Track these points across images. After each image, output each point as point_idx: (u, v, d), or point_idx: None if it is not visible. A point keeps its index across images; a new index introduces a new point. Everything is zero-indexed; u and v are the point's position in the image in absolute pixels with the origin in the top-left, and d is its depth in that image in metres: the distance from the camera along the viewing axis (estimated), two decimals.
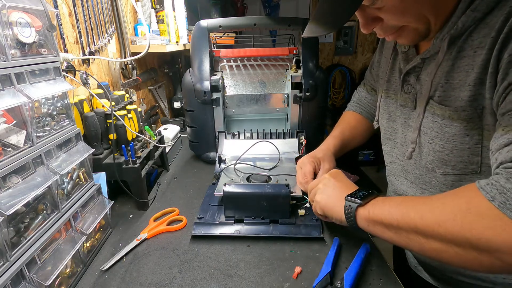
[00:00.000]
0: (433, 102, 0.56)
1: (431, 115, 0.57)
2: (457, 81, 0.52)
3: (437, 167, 0.59)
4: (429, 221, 0.44)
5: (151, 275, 0.63)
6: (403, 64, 0.64)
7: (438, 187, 0.61)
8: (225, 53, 1.14)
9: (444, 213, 0.43)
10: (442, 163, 0.58)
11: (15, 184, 0.51)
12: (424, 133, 0.59)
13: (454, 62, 0.52)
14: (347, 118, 0.94)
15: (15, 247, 0.50)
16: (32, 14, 0.57)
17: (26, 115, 0.54)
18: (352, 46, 3.28)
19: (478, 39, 0.49)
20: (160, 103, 1.68)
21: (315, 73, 1.05)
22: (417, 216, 0.46)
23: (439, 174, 0.60)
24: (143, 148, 0.95)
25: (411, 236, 0.47)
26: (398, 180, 0.72)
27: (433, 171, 0.61)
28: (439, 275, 0.69)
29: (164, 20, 1.41)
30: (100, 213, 0.71)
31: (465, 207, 0.42)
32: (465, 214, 0.41)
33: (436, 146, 0.57)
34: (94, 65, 1.07)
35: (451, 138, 0.55)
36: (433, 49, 0.55)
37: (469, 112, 0.51)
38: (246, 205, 0.75)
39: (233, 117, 1.15)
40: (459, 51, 0.52)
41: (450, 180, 0.59)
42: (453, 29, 0.51)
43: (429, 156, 0.60)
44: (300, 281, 0.60)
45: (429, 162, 0.60)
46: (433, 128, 0.57)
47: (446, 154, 0.56)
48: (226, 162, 1.02)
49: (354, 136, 0.90)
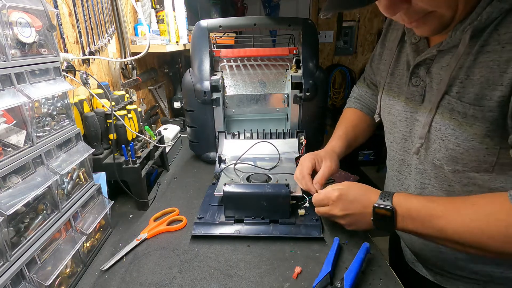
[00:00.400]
0: (451, 98, 0.53)
1: (448, 112, 0.54)
2: (477, 77, 0.49)
3: (446, 164, 0.57)
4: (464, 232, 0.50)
5: (151, 275, 0.63)
6: (412, 55, 0.61)
7: (445, 182, 0.60)
8: (225, 53, 1.14)
9: (480, 222, 0.49)
10: (453, 161, 0.55)
11: (15, 184, 0.51)
12: (436, 129, 0.56)
13: (476, 57, 0.49)
14: (349, 117, 0.93)
15: (15, 247, 0.50)
16: (32, 14, 0.57)
17: (26, 115, 0.54)
18: (352, 46, 3.29)
19: (507, 34, 0.45)
20: (160, 103, 1.68)
21: (315, 73, 1.05)
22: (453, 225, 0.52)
23: (447, 170, 0.58)
24: (143, 148, 0.95)
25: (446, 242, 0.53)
26: (402, 174, 0.71)
27: (441, 167, 0.59)
28: (438, 270, 0.69)
29: (164, 20, 1.41)
30: (100, 213, 0.71)
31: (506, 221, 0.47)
32: (507, 229, 0.46)
33: (449, 143, 0.54)
34: (94, 65, 1.07)
35: (469, 137, 0.52)
36: (452, 41, 0.52)
37: (496, 113, 0.48)
38: (246, 205, 0.75)
39: (233, 117, 1.15)
40: (482, 45, 0.48)
41: (459, 176, 0.57)
42: (476, 21, 0.47)
43: (439, 153, 0.57)
44: (300, 281, 0.60)
45: (438, 158, 0.58)
46: (449, 125, 0.54)
47: (460, 152, 0.54)
48: (226, 162, 1.02)
49: (357, 135, 0.90)
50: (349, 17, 3.18)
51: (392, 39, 0.72)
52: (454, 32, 0.51)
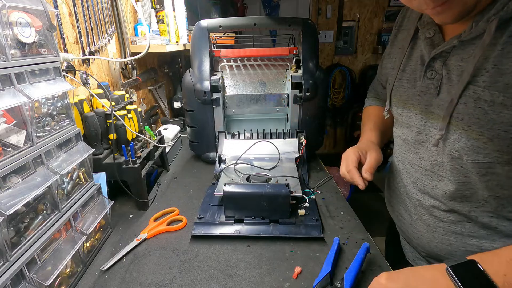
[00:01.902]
0: (477, 87, 0.53)
1: (472, 101, 0.53)
2: (507, 67, 0.49)
3: (467, 154, 0.56)
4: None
5: (151, 275, 0.63)
6: (427, 49, 0.62)
7: (461, 173, 0.59)
8: (225, 53, 1.14)
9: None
10: (474, 151, 0.55)
11: (15, 184, 0.51)
12: (458, 119, 0.56)
13: (504, 47, 0.49)
14: (373, 111, 0.91)
15: (15, 247, 0.50)
16: (32, 14, 0.57)
17: (26, 115, 0.54)
18: (352, 46, 3.29)
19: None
20: (160, 103, 1.68)
21: (315, 73, 1.05)
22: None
23: (466, 161, 0.57)
24: (143, 148, 0.95)
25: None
26: (412, 167, 0.70)
27: (459, 158, 0.58)
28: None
29: (164, 20, 1.41)
30: (100, 213, 0.71)
31: None
32: None
33: (472, 133, 0.54)
34: (94, 65, 1.07)
35: (495, 126, 0.52)
36: (475, 32, 0.52)
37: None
38: (246, 205, 0.75)
39: (233, 117, 1.15)
40: (510, 35, 0.48)
41: (478, 167, 0.56)
42: (502, 11, 0.48)
43: (458, 143, 0.57)
44: (300, 281, 0.60)
45: (456, 149, 0.58)
46: (473, 115, 0.54)
47: (483, 142, 0.53)
48: (226, 162, 1.02)
49: (386, 128, 0.88)
50: (349, 17, 3.19)
51: (403, 38, 0.72)
52: (475, 23, 0.51)
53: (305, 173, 1.02)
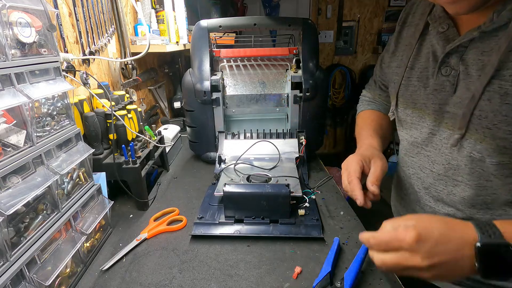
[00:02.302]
0: (503, 82, 0.49)
1: (498, 96, 0.49)
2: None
3: (490, 156, 0.52)
4: None
5: (151, 275, 0.63)
6: (442, 44, 0.58)
7: (481, 177, 0.55)
8: (225, 53, 1.14)
9: None
10: (499, 152, 0.51)
11: (15, 184, 0.51)
12: (482, 117, 0.52)
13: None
14: (370, 117, 0.85)
15: (15, 247, 0.50)
16: (32, 14, 0.57)
17: (26, 115, 0.54)
18: (352, 46, 3.29)
19: None
20: (160, 103, 1.68)
21: (315, 73, 1.05)
22: None
23: (489, 163, 0.53)
24: (143, 148, 0.95)
25: None
26: (423, 172, 0.66)
27: (480, 160, 0.54)
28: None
29: (164, 20, 1.41)
30: (100, 213, 0.71)
31: None
32: None
33: (498, 132, 0.50)
34: (94, 65, 1.07)
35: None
36: (498, 22, 0.48)
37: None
38: (246, 205, 0.75)
39: (233, 117, 1.15)
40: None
41: (501, 169, 0.52)
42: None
43: (481, 144, 0.52)
44: (300, 281, 0.60)
45: (478, 150, 0.53)
46: (498, 111, 0.50)
47: (511, 141, 0.49)
48: (226, 162, 1.02)
49: (386, 133, 0.83)
50: (349, 17, 3.19)
51: (409, 34, 0.69)
52: (497, 12, 0.48)
53: (305, 173, 1.02)
